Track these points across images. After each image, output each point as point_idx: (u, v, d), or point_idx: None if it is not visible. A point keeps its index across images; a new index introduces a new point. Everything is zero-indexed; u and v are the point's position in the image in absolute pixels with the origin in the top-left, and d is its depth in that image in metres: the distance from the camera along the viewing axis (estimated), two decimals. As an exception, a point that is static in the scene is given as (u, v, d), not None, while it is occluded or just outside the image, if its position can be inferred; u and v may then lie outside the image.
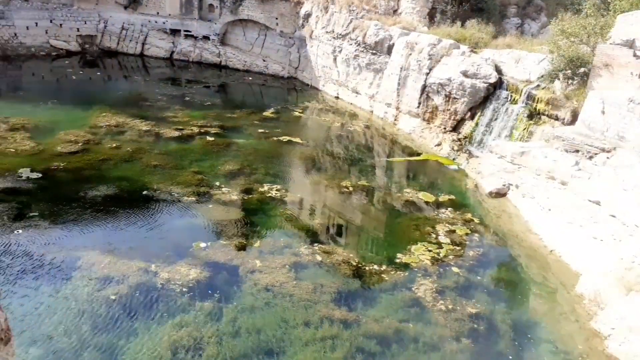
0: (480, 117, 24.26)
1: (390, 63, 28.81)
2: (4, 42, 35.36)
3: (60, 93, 30.05)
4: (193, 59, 40.24)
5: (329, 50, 33.67)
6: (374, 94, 30.60)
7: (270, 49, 39.50)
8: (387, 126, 29.09)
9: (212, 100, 31.84)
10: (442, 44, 26.21)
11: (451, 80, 24.73)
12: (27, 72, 33.97)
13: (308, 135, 27.56)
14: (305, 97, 34.60)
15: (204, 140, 24.12)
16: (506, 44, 25.85)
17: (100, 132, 23.58)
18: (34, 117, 24.20)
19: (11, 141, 21.06)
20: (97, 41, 39.64)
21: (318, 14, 34.76)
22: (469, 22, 28.07)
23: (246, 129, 26.59)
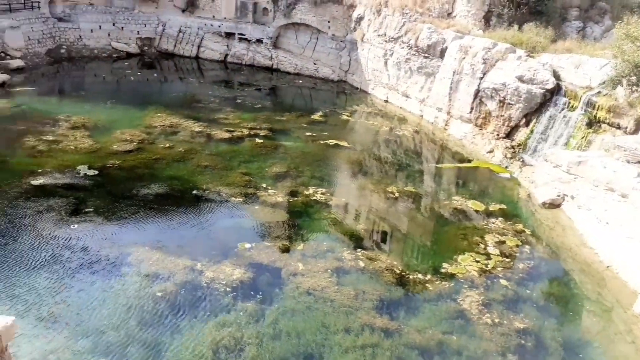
0: (535, 124, 23.34)
1: (442, 67, 28.24)
2: (69, 44, 37.28)
3: (119, 93, 31.36)
4: (246, 62, 40.99)
5: (380, 53, 33.41)
6: (425, 98, 30.09)
7: (321, 53, 39.65)
8: (437, 131, 28.53)
9: (263, 103, 32.28)
10: (497, 48, 25.43)
11: (506, 85, 23.94)
12: (90, 73, 35.66)
13: (355, 139, 27.44)
14: (354, 100, 34.49)
15: (253, 142, 24.48)
16: (566, 48, 24.75)
17: (155, 132, 24.38)
18: (94, 116, 25.33)
19: (72, 139, 22.13)
20: (155, 43, 41.11)
21: (370, 17, 34.57)
22: (526, 26, 27.07)
23: (294, 132, 26.78)
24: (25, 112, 25.36)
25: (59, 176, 18.59)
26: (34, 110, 25.60)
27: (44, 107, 26.20)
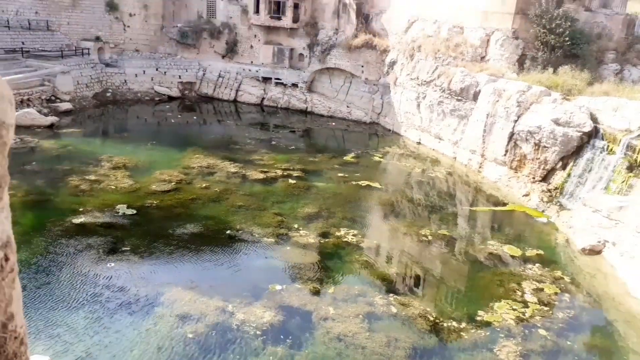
0: (572, 168, 22.86)
1: (475, 109, 28.23)
2: (114, 87, 39.21)
3: (159, 135, 32.55)
4: (281, 105, 42.04)
5: (413, 96, 33.72)
6: (458, 140, 30.00)
7: (354, 96, 40.34)
8: (470, 173, 28.26)
9: (297, 145, 32.85)
10: (531, 91, 25.32)
11: (541, 128, 23.67)
12: (132, 115, 37.27)
13: (387, 180, 27.44)
14: (386, 142, 34.68)
15: (286, 183, 24.81)
16: (603, 91, 24.41)
17: (192, 172, 25.06)
18: (135, 156, 26.32)
19: (113, 179, 22.98)
20: (195, 87, 42.77)
21: (403, 62, 35.13)
22: (561, 69, 26.92)
23: (326, 173, 27.03)
24: (70, 152, 26.57)
25: (99, 215, 19.25)
26: (79, 151, 26.80)
27: (89, 148, 27.42)
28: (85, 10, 39.89)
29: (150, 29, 42.74)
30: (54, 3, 38.46)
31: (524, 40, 29.37)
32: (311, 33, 42.54)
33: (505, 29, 29.62)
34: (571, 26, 28.31)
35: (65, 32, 39.06)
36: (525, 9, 29.08)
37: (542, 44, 28.59)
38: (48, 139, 27.88)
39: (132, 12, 41.79)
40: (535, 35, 28.77)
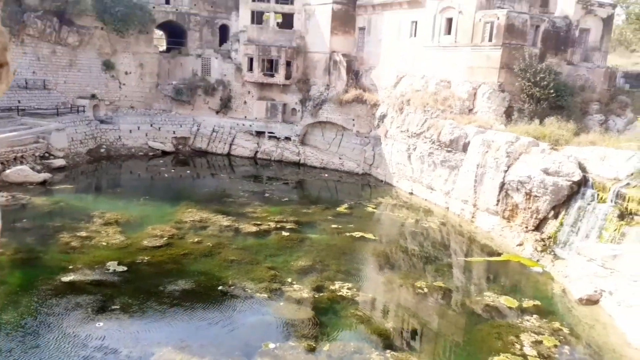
0: (564, 217, 22.98)
1: (466, 160, 28.62)
2: (109, 143, 39.57)
3: (152, 190, 32.60)
4: (275, 158, 42.48)
5: (404, 148, 34.23)
6: (450, 191, 30.22)
7: (346, 148, 40.93)
8: (464, 223, 28.29)
9: (290, 196, 32.93)
10: (520, 142, 25.81)
11: (531, 177, 23.96)
12: (126, 171, 37.41)
13: (381, 231, 27.38)
14: (379, 193, 34.86)
15: (279, 235, 24.68)
16: (589, 140, 24.94)
17: (185, 227, 24.92)
18: (127, 212, 26.21)
19: (104, 235, 22.78)
20: (189, 142, 43.24)
21: (393, 115, 35.89)
22: (548, 120, 27.57)
23: (320, 224, 26.97)
24: (62, 209, 26.45)
25: (89, 272, 18.93)
26: (71, 207, 26.70)
27: (81, 204, 27.33)
28: (82, 70, 40.84)
29: (146, 87, 43.66)
30: (52, 63, 39.42)
31: (510, 93, 30.21)
32: (303, 89, 43.65)
33: (491, 82, 30.53)
34: (555, 79, 29.23)
35: (62, 90, 39.82)
36: (510, 64, 30.10)
37: (528, 96, 29.42)
38: (40, 195, 27.81)
39: (128, 71, 42.82)
40: (521, 88, 29.64)
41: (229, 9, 44.58)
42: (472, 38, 31.49)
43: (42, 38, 38.64)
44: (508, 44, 29.97)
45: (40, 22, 38.25)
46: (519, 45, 30.21)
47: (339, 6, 41.50)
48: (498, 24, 29.96)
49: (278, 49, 42.86)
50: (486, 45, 30.73)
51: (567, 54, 32.85)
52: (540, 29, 31.47)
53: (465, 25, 31.85)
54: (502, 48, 29.92)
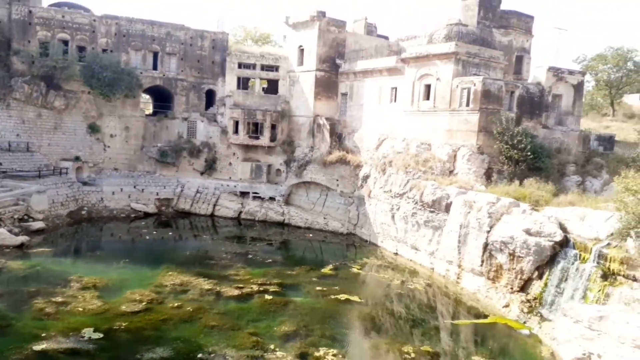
0: (549, 277, 22.96)
1: (449, 221, 28.83)
2: (90, 205, 39.12)
3: (133, 252, 31.92)
4: (259, 218, 42.31)
5: (387, 208, 34.45)
6: (434, 251, 30.19)
7: (331, 208, 41.06)
8: (449, 284, 28.07)
9: (274, 257, 32.51)
10: (501, 202, 26.20)
11: (514, 238, 24.13)
12: (107, 233, 36.78)
13: (366, 293, 26.99)
14: (364, 253, 34.64)
15: (262, 299, 24.14)
16: (568, 201, 25.42)
17: (165, 290, 24.29)
18: (106, 275, 25.54)
19: (80, 300, 22.04)
20: (172, 203, 42.97)
21: (376, 176, 36.40)
22: (527, 181, 28.21)
23: (304, 287, 26.53)
24: (39, 273, 25.68)
25: (62, 340, 18.15)
26: (48, 271, 25.95)
27: (58, 268, 26.60)
28: (67, 132, 41.03)
29: (131, 149, 43.86)
30: (37, 126, 39.60)
31: (489, 155, 31.03)
32: (288, 150, 44.34)
33: (470, 145, 31.38)
34: (532, 142, 30.19)
35: (45, 152, 39.77)
36: (488, 127, 31.11)
37: (507, 158, 30.22)
38: (16, 259, 27.05)
39: (114, 134, 43.14)
40: (499, 150, 30.49)
41: (216, 75, 45.84)
42: (450, 103, 32.67)
43: (29, 102, 39.02)
44: (485, 109, 31.11)
45: (28, 87, 38.76)
46: (496, 109, 31.38)
47: (322, 73, 43.04)
48: (475, 90, 31.22)
49: (263, 113, 43.84)
50: (464, 110, 31.86)
51: (542, 118, 34.16)
52: (515, 95, 32.86)
53: (443, 91, 33.12)
54: (480, 112, 31.03)
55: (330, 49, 43.16)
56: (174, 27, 44.66)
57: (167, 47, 44.32)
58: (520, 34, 39.40)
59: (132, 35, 43.22)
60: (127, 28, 43.04)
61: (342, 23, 43.82)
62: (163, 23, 44.37)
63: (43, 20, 40.46)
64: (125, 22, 43.04)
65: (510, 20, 38.79)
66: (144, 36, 43.56)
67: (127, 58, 43.04)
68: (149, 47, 43.80)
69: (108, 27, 42.46)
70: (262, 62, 45.87)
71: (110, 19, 42.62)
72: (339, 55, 43.45)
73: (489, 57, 34.13)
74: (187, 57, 45.04)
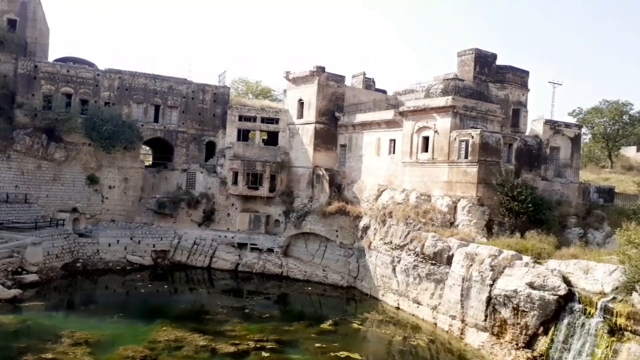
0: (554, 333, 22.28)
1: (451, 274, 28.32)
2: (86, 257, 38.52)
3: (127, 306, 31.12)
4: (256, 270, 41.59)
5: (388, 260, 33.95)
6: (437, 305, 29.47)
7: (330, 259, 40.47)
8: (453, 340, 27.20)
9: (271, 312, 31.69)
10: (503, 255, 25.81)
11: (517, 292, 23.60)
12: (101, 286, 36.00)
13: (368, 350, 26.12)
14: (364, 307, 33.78)
15: (259, 356, 23.32)
16: (571, 254, 25.07)
17: (159, 347, 23.50)
18: (98, 331, 24.77)
19: (71, 356, 21.26)
20: (169, 255, 42.34)
21: (376, 227, 36.10)
22: (528, 233, 27.95)
23: (303, 343, 25.70)
24: (30, 328, 24.92)
25: (49, 401, 17.32)
26: (39, 326, 25.19)
27: (50, 323, 25.85)
28: (65, 184, 41.03)
29: (129, 200, 43.73)
30: (36, 177, 39.64)
31: (489, 206, 30.90)
32: (287, 201, 44.23)
33: (470, 196, 31.32)
34: (532, 193, 30.16)
35: (43, 204, 39.60)
36: (487, 179, 31.17)
37: (507, 210, 30.08)
38: (7, 313, 26.30)
39: (112, 185, 43.14)
40: (500, 202, 30.41)
41: (216, 128, 46.42)
42: (448, 155, 32.89)
43: (29, 154, 39.25)
44: (484, 161, 31.28)
45: (29, 139, 39.10)
46: (494, 161, 31.55)
47: (321, 126, 43.65)
48: (473, 142, 31.51)
49: (263, 164, 44.06)
50: (463, 162, 32.02)
51: (541, 170, 34.32)
52: (514, 147, 33.15)
53: (442, 144, 33.43)
54: (478, 164, 31.18)
55: (329, 103, 43.94)
56: (176, 81, 45.62)
57: (169, 100, 45.11)
58: (516, 88, 40.25)
59: (135, 88, 44.08)
60: (130, 82, 43.95)
61: (340, 78, 44.83)
62: (165, 77, 45.36)
63: (48, 74, 41.36)
64: (128, 76, 43.99)
65: (506, 75, 39.71)
66: (146, 90, 44.42)
67: (129, 111, 43.70)
68: (151, 100, 44.58)
69: (111, 81, 43.37)
70: (263, 115, 46.60)
71: (113, 74, 43.59)
72: (338, 108, 44.19)
73: (486, 110, 34.69)
74: (189, 110, 45.76)
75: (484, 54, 38.82)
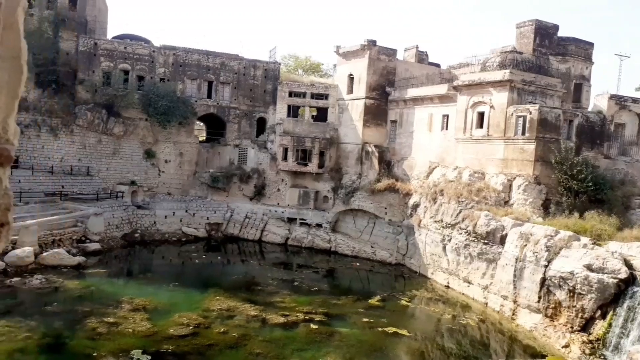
0: (613, 317, 21.41)
1: (503, 254, 27.63)
2: (144, 228, 40.25)
3: (182, 276, 32.43)
4: (305, 245, 42.17)
5: (438, 238, 33.50)
6: (488, 285, 28.92)
7: (379, 236, 40.38)
8: (504, 321, 26.70)
9: (320, 286, 32.13)
10: (559, 236, 24.88)
11: (574, 274, 22.76)
12: (158, 256, 37.62)
13: (416, 327, 26.06)
14: (413, 285, 33.65)
15: (307, 328, 23.75)
16: (634, 236, 23.84)
17: (212, 315, 24.38)
18: (156, 298, 25.96)
19: (131, 321, 22.42)
20: (222, 228, 43.61)
21: (426, 205, 35.59)
22: (588, 214, 26.72)
23: (350, 317, 25.95)
24: (93, 293, 26.43)
25: (112, 361, 18.42)
26: (101, 292, 26.66)
27: (111, 289, 27.30)
28: (124, 157, 42.74)
29: (184, 174, 45.10)
30: (97, 151, 41.50)
31: (546, 185, 29.72)
32: (336, 177, 44.26)
33: (526, 175, 30.22)
34: (592, 172, 28.73)
35: (104, 176, 41.50)
36: (545, 157, 29.91)
37: (565, 189, 28.82)
38: (73, 279, 28.00)
39: (168, 159, 44.56)
40: (558, 180, 29.16)
41: (267, 104, 46.79)
42: (504, 131, 31.75)
43: (90, 128, 41.06)
44: (542, 138, 29.99)
45: (90, 114, 40.86)
46: (553, 138, 30.19)
47: (371, 101, 43.05)
48: (530, 118, 30.23)
49: (312, 140, 44.15)
50: (519, 139, 30.84)
51: (604, 148, 32.58)
52: (574, 123, 31.58)
53: (498, 120, 32.27)
54: (536, 141, 29.93)
55: (380, 77, 43.21)
56: (229, 57, 46.12)
57: (222, 76, 45.75)
58: (579, 61, 38.09)
59: (188, 65, 44.95)
60: (184, 58, 44.83)
61: (392, 51, 43.89)
62: (218, 53, 45.94)
63: (107, 51, 42.79)
64: (182, 52, 44.87)
65: (568, 48, 37.61)
66: (200, 66, 45.20)
67: (183, 87, 44.70)
68: (204, 76, 45.36)
69: (166, 57, 44.38)
70: (312, 91, 46.48)
71: (168, 50, 44.57)
72: (389, 83, 43.40)
73: (545, 84, 33.10)
74: (240, 86, 46.29)
75: (545, 25, 36.83)
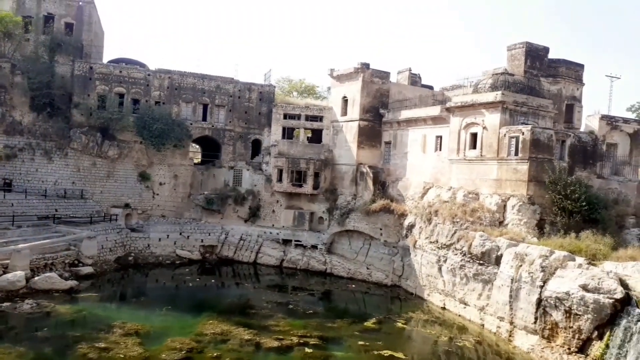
0: (610, 338, 21.22)
1: (499, 274, 27.50)
2: (137, 251, 39.92)
3: (176, 299, 32.02)
4: (301, 267, 41.91)
5: (434, 259, 33.36)
6: (484, 306, 28.70)
7: (374, 257, 40.20)
8: (500, 342, 26.43)
9: (315, 308, 31.80)
10: (554, 256, 24.81)
11: (570, 294, 22.62)
12: (152, 279, 37.20)
13: (412, 349, 25.76)
14: (409, 306, 33.34)
15: (302, 352, 23.44)
16: (629, 256, 23.79)
17: (205, 340, 24.03)
18: (148, 322, 25.60)
19: (122, 346, 22.05)
20: (216, 250, 43.35)
21: (421, 225, 35.54)
22: (582, 233, 26.72)
23: (346, 340, 25.64)
24: (85, 318, 26.04)
25: (102, 388, 18.04)
26: (93, 316, 26.26)
27: (103, 313, 26.91)
28: (118, 180, 42.64)
29: (178, 197, 44.97)
30: (91, 174, 41.39)
31: (540, 205, 29.78)
32: (331, 198, 44.28)
33: (520, 195, 30.30)
34: (586, 192, 28.83)
35: (98, 199, 41.31)
36: (538, 177, 30.04)
37: (560, 209, 28.87)
38: (64, 303, 27.61)
39: (163, 182, 44.48)
40: (552, 200, 29.23)
41: (262, 126, 47.03)
42: (497, 152, 31.94)
43: (85, 151, 41.03)
44: (535, 158, 30.17)
45: (85, 137, 40.89)
46: (546, 159, 30.38)
47: (365, 123, 43.38)
48: (523, 139, 30.45)
49: (307, 161, 44.28)
50: (513, 159, 31.01)
51: (597, 168, 32.80)
52: (567, 144, 31.83)
53: (490, 140, 32.50)
54: (529, 162, 30.11)
55: (373, 99, 43.60)
56: (224, 80, 46.49)
57: (217, 99, 46.04)
58: (570, 82, 38.57)
59: (184, 88, 45.24)
60: (179, 82, 45.15)
61: (385, 74, 44.37)
62: (213, 77, 46.31)
63: (102, 75, 43.06)
64: (177, 76, 45.21)
65: (559, 69, 38.12)
66: (195, 89, 45.50)
67: (178, 110, 44.91)
68: (199, 99, 45.63)
69: (161, 80, 44.69)
70: (307, 113, 46.79)
71: (163, 74, 44.90)
72: (383, 105, 43.78)
73: (537, 105, 33.45)
74: (235, 109, 46.56)
75: (535, 47, 37.41)
